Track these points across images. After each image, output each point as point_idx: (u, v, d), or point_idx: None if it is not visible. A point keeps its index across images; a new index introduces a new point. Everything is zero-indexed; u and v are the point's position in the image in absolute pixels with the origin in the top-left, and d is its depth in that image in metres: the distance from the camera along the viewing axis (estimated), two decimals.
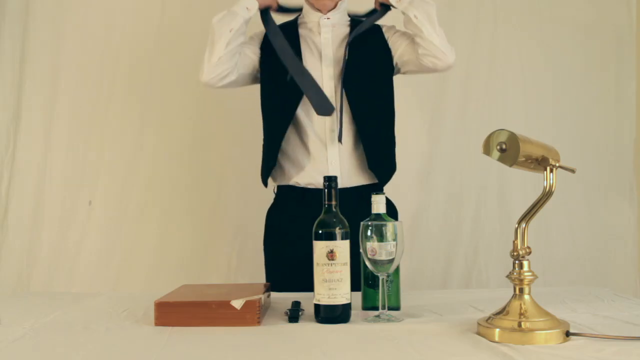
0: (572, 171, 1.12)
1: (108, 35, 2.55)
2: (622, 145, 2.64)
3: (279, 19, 1.93)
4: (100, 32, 2.55)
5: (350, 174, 1.78)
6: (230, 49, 1.74)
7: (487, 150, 1.10)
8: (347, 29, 1.84)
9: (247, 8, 1.76)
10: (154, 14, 2.56)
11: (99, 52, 2.55)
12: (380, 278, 1.23)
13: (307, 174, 1.79)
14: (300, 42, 1.82)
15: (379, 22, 1.89)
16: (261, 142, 1.91)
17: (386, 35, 1.86)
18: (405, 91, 2.00)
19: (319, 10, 1.84)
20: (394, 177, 1.90)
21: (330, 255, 1.19)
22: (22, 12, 2.52)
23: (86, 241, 2.50)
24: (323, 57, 1.81)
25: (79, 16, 2.55)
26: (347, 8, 1.88)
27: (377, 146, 1.80)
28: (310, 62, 1.80)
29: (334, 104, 1.75)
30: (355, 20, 1.87)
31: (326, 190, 1.24)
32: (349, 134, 1.78)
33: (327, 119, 1.77)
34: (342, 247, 1.19)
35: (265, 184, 1.85)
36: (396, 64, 1.85)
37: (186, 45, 2.56)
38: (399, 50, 1.83)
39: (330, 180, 1.24)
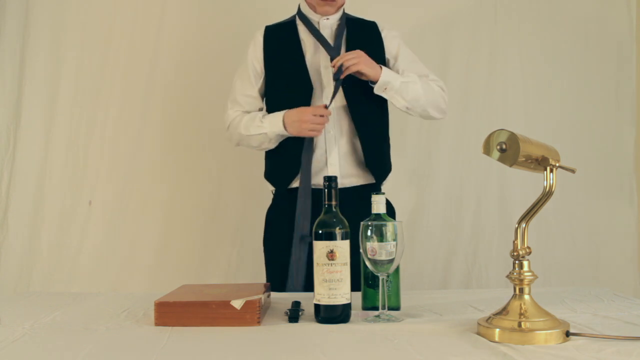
0: (572, 171, 1.12)
1: (108, 35, 2.55)
2: (622, 145, 2.63)
3: (276, 18, 1.93)
4: (100, 32, 2.55)
5: (349, 174, 1.79)
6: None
7: (487, 150, 1.10)
8: (344, 26, 1.86)
9: (280, 135, 1.79)
10: (154, 14, 2.56)
11: (99, 52, 2.55)
12: (380, 278, 1.23)
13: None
14: (301, 41, 1.84)
15: (374, 18, 1.91)
16: None
17: (386, 43, 1.88)
18: None
19: (319, 14, 1.85)
20: (393, 177, 1.91)
21: (330, 255, 1.19)
22: (22, 12, 2.52)
23: (86, 241, 2.50)
24: (322, 54, 1.83)
25: (79, 16, 2.55)
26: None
27: (374, 144, 1.82)
28: (311, 59, 1.82)
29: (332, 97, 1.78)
30: (350, 19, 1.88)
31: (326, 190, 1.24)
32: (347, 134, 1.80)
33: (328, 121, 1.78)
34: (342, 247, 1.19)
35: (284, 189, 1.85)
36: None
37: (186, 45, 2.57)
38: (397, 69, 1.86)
39: (330, 180, 1.24)
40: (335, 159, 1.78)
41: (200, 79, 2.53)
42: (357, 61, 1.70)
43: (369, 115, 1.81)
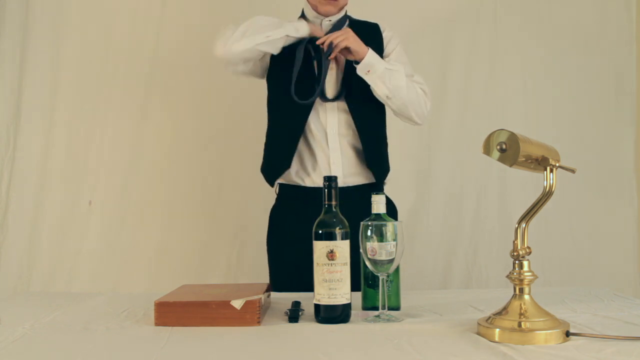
0: (572, 171, 1.12)
1: (108, 35, 2.55)
2: (622, 145, 2.64)
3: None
4: (100, 32, 2.55)
5: (352, 173, 1.80)
6: (256, 50, 1.74)
7: (487, 150, 1.10)
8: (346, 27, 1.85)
9: (296, 29, 1.75)
10: (154, 14, 2.56)
11: (98, 52, 2.55)
12: (380, 278, 1.23)
13: (311, 174, 1.79)
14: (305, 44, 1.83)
15: (377, 20, 1.90)
16: (262, 141, 1.91)
17: (385, 43, 1.87)
18: None
19: (321, 14, 1.85)
20: (394, 177, 1.91)
21: (330, 255, 1.19)
22: (22, 12, 2.52)
23: (86, 241, 2.50)
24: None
25: (79, 16, 2.55)
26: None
27: (374, 144, 1.83)
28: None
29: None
30: (352, 21, 1.88)
31: (326, 190, 1.23)
32: (349, 133, 1.80)
33: (328, 119, 1.79)
34: (342, 247, 1.19)
35: (272, 184, 1.86)
36: None
37: (186, 45, 2.57)
38: None
39: (330, 180, 1.24)
40: (338, 158, 1.78)
41: (201, 78, 2.53)
42: (345, 36, 1.70)
43: (368, 114, 1.82)
